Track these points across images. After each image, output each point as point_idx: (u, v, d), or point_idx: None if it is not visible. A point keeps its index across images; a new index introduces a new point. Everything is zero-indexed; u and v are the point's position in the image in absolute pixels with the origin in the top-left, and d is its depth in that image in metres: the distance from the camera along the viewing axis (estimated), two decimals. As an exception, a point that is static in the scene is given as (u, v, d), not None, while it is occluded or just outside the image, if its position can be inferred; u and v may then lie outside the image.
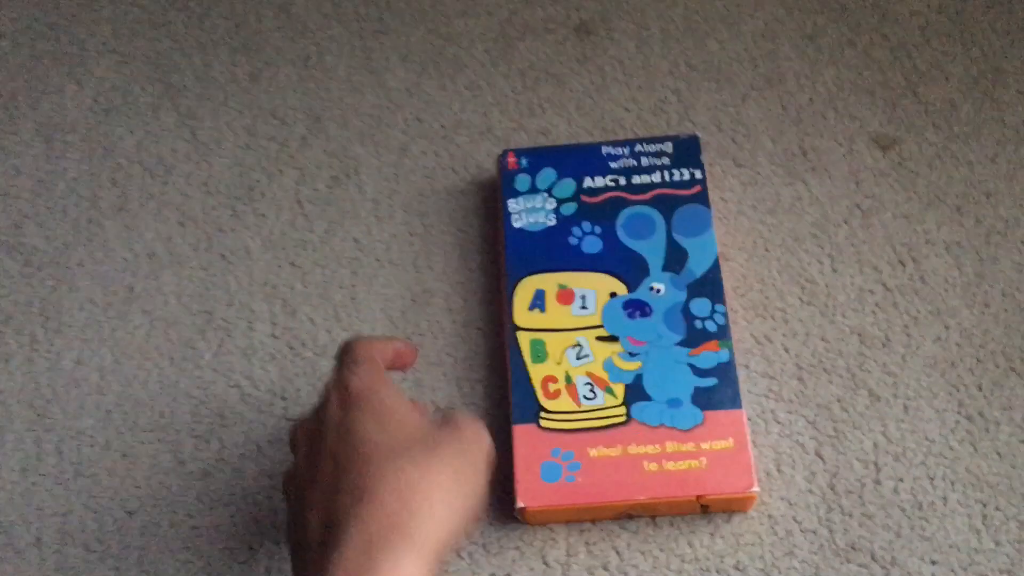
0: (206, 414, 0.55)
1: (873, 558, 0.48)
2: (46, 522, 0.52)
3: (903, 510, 0.49)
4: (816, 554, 0.49)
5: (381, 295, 0.58)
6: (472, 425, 0.41)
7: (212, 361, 0.57)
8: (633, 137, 0.61)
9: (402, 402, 0.41)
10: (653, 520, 0.50)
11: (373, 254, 0.59)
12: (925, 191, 0.59)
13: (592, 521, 0.50)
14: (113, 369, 0.57)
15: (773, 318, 0.55)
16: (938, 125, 0.61)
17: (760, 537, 0.49)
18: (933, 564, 0.48)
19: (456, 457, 0.39)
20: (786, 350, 0.54)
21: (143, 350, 0.57)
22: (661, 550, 0.49)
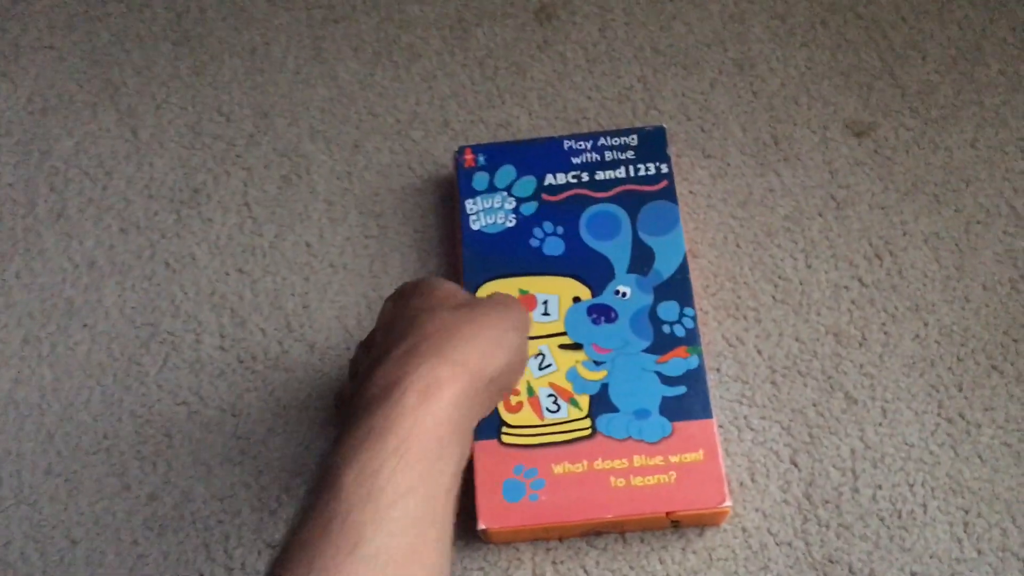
0: (152, 434, 0.52)
1: (851, 571, 0.46)
2: (-16, 554, 0.50)
3: (882, 519, 0.47)
4: (792, 568, 0.47)
5: (335, 303, 0.55)
6: (511, 297, 0.43)
7: (157, 377, 0.54)
8: (597, 129, 0.58)
9: (446, 281, 0.43)
10: (622, 536, 0.48)
11: (326, 259, 0.56)
12: (902, 180, 0.56)
13: (559, 539, 0.48)
14: (53, 388, 0.54)
15: (745, 318, 0.53)
16: (915, 109, 0.58)
17: (734, 552, 0.47)
18: (913, 575, 0.46)
19: (497, 313, 0.41)
20: (759, 352, 0.52)
21: (84, 367, 0.54)
22: (631, 567, 0.47)
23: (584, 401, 0.48)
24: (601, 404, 0.48)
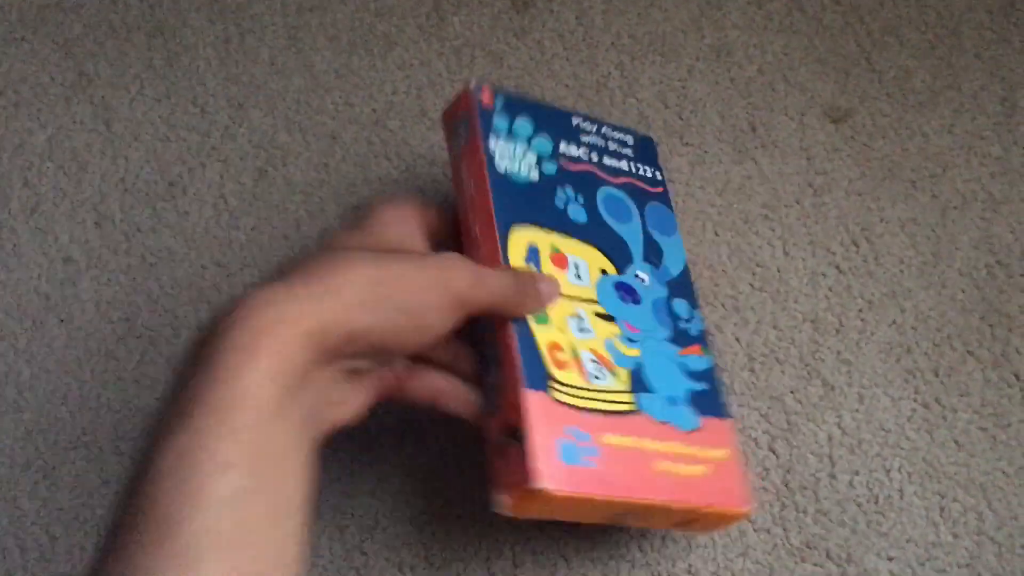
0: (130, 429, 0.52)
1: (828, 556, 0.47)
2: (-37, 552, 0.50)
3: (859, 505, 0.48)
4: (770, 554, 0.47)
5: (313, 295, 0.55)
6: (454, 255, 0.40)
7: (135, 372, 0.53)
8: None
9: (415, 225, 0.41)
10: (601, 525, 0.48)
11: (305, 251, 0.56)
12: (879, 166, 0.56)
13: (577, 524, 0.45)
14: (30, 385, 0.54)
15: (724, 306, 0.53)
16: (892, 94, 0.58)
17: (712, 539, 0.47)
18: (890, 560, 0.46)
19: (411, 267, 0.37)
20: (737, 340, 0.52)
21: (61, 363, 0.54)
22: (611, 556, 0.47)
23: (624, 375, 0.44)
24: (639, 382, 0.44)
